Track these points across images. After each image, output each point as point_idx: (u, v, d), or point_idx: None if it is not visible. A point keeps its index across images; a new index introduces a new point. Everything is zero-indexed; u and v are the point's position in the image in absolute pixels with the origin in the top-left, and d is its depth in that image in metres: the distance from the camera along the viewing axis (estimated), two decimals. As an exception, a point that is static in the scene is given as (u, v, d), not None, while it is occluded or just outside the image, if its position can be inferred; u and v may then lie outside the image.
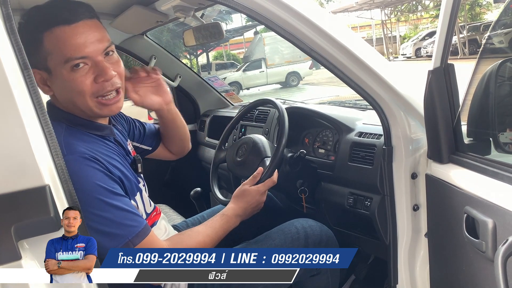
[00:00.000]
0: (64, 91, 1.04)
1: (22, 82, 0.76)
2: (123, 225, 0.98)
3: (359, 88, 1.19)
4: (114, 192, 0.99)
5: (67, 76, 1.01)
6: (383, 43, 24.55)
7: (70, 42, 1.00)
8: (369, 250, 1.76)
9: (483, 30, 18.04)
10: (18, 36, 0.76)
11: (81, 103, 1.04)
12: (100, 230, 0.95)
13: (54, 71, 1.01)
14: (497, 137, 1.09)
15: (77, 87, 1.01)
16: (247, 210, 1.32)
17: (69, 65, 1.00)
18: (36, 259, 0.75)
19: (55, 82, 1.03)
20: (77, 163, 0.95)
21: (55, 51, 1.00)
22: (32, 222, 0.73)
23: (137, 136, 1.42)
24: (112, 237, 0.96)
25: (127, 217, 0.99)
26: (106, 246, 0.92)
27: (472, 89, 1.10)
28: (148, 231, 1.02)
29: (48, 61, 1.01)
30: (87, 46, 1.01)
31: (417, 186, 1.28)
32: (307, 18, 1.09)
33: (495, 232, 0.89)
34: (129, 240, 0.97)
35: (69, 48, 0.99)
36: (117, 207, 0.98)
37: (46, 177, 0.74)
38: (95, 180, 0.96)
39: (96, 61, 1.02)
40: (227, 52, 28.07)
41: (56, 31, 0.99)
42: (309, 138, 1.90)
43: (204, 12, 1.72)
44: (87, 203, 0.93)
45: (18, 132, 0.73)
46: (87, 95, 1.03)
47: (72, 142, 1.00)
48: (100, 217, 0.95)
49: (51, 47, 1.00)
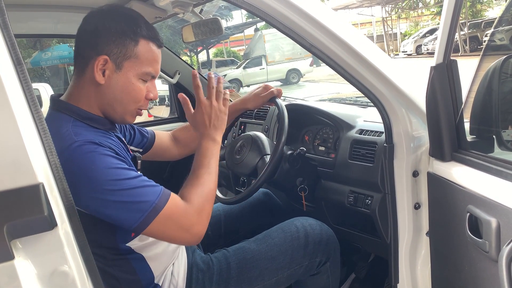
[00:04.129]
0: (120, 90, 1.10)
1: (15, 77, 0.74)
2: (146, 192, 0.99)
3: (360, 84, 1.17)
4: (125, 168, 1.00)
5: (133, 82, 1.10)
6: (383, 40, 24.54)
7: (156, 62, 1.13)
8: (369, 249, 1.75)
9: (484, 27, 18.02)
10: (11, 31, 0.74)
11: (126, 106, 1.12)
12: (123, 202, 0.96)
13: (125, 71, 1.08)
14: (500, 135, 1.07)
15: (135, 94, 1.11)
16: (211, 127, 1.20)
17: (142, 76, 1.11)
18: (30, 259, 0.73)
19: (116, 78, 1.08)
20: (87, 146, 0.97)
21: (141, 60, 1.09)
22: (26, 221, 0.71)
23: (127, 138, 1.41)
24: (137, 205, 0.97)
25: (147, 185, 1.00)
26: (132, 217, 0.96)
27: (475, 86, 1.09)
28: (169, 193, 1.03)
29: (127, 61, 1.08)
30: (158, 69, 1.16)
31: (419, 184, 1.26)
32: (307, 13, 1.07)
33: (499, 231, 0.87)
34: (155, 204, 0.98)
35: (152, 66, 1.12)
36: (133, 178, 0.99)
37: (40, 175, 0.73)
38: (108, 159, 0.98)
39: (153, 82, 1.17)
40: (227, 49, 28.07)
41: (151, 45, 1.11)
42: (309, 136, 1.89)
43: (203, 7, 1.70)
44: (104, 181, 0.95)
45: (10, 129, 0.71)
46: (137, 103, 1.13)
47: (80, 131, 1.02)
48: (120, 191, 0.96)
49: (141, 54, 1.09)
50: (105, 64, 1.06)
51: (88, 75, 1.08)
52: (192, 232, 1.05)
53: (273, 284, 1.32)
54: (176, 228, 1.02)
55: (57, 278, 0.75)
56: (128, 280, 1.15)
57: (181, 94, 1.22)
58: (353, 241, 1.70)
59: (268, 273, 1.31)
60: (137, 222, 0.96)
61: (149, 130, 1.54)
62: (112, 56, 1.06)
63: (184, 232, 1.04)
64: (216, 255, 1.34)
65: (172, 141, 1.61)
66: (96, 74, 1.06)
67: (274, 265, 1.32)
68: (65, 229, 0.75)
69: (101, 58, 1.05)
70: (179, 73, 2.46)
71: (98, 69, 1.06)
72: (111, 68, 1.07)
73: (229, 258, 1.32)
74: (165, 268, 1.24)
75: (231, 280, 1.28)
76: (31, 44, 15.03)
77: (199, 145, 1.18)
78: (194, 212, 1.04)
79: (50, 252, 0.74)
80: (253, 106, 1.58)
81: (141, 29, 1.09)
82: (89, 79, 1.08)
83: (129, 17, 1.10)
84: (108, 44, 1.06)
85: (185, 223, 1.03)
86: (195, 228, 1.05)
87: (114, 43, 1.06)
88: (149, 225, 0.97)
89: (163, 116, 2.85)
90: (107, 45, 1.06)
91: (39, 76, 15.79)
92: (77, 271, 0.76)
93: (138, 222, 0.96)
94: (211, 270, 1.29)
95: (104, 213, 0.97)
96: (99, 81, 1.07)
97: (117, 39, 1.06)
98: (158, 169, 2.50)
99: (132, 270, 1.15)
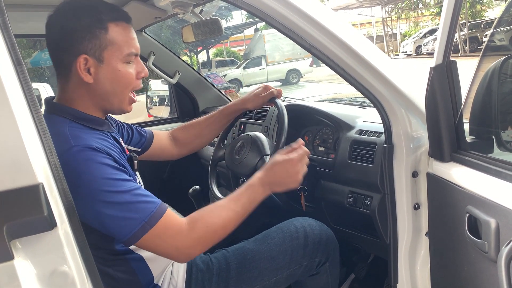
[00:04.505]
0: (110, 82, 1.08)
1: (15, 78, 0.74)
2: (137, 208, 0.97)
3: (359, 85, 1.17)
4: (122, 179, 0.99)
5: (121, 68, 1.08)
6: (383, 41, 24.53)
7: (132, 39, 1.10)
8: (369, 249, 1.75)
9: (484, 28, 18.02)
10: (11, 31, 0.74)
11: (120, 95, 1.11)
12: (114, 216, 0.95)
13: (108, 61, 1.07)
14: (499, 135, 1.07)
15: (126, 80, 1.10)
16: (276, 179, 1.15)
17: (126, 59, 1.09)
18: (30, 259, 0.73)
19: (103, 71, 1.07)
20: (85, 153, 0.97)
21: (118, 44, 1.07)
22: (25, 221, 0.71)
23: (125, 138, 1.41)
24: (127, 221, 0.96)
25: (140, 200, 0.99)
26: (122, 231, 0.95)
27: (475, 86, 1.09)
28: (163, 211, 1.00)
29: (105, 51, 1.06)
30: (138, 45, 1.13)
31: (418, 185, 1.26)
32: (307, 14, 1.07)
33: (498, 232, 0.87)
34: (145, 222, 0.96)
35: (131, 45, 1.10)
36: (129, 192, 0.98)
37: (39, 175, 0.73)
38: (104, 169, 0.97)
39: (138, 59, 1.14)
40: (227, 49, 28.06)
41: (121, 25, 1.08)
42: (308, 136, 1.89)
43: (203, 8, 1.70)
44: (98, 192, 0.94)
45: (10, 129, 0.71)
46: (129, 88, 1.12)
47: (77, 134, 1.02)
48: (112, 204, 0.96)
49: (115, 38, 1.07)
50: (86, 62, 1.05)
51: (75, 78, 1.07)
52: (184, 253, 1.04)
53: (272, 284, 1.32)
54: (167, 246, 1.01)
55: (57, 278, 0.75)
56: (128, 280, 1.15)
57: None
58: (353, 242, 1.70)
59: (268, 273, 1.31)
60: (127, 236, 0.96)
61: (148, 129, 1.54)
62: (89, 52, 1.05)
63: (174, 251, 1.02)
64: (216, 255, 1.34)
65: (170, 141, 1.60)
66: (82, 75, 1.05)
67: (273, 265, 1.32)
68: (65, 229, 0.75)
69: (80, 59, 1.04)
70: (179, 73, 2.46)
71: (83, 70, 1.05)
72: (93, 64, 1.06)
73: (228, 258, 1.32)
74: (164, 268, 1.24)
75: (231, 280, 1.28)
76: (31, 44, 15.02)
77: (254, 185, 1.13)
78: (190, 236, 1.02)
79: (50, 252, 0.74)
80: (253, 106, 1.58)
81: (104, 14, 1.07)
82: (76, 81, 1.07)
83: (89, 8, 1.07)
84: (81, 43, 1.04)
85: (178, 244, 1.01)
86: (187, 251, 1.04)
87: (85, 39, 1.04)
88: (140, 240, 0.97)
89: (163, 116, 2.85)
90: (80, 44, 1.04)
91: (39, 76, 15.78)
92: (76, 271, 0.76)
93: (128, 236, 0.96)
94: (210, 270, 1.29)
95: (94, 222, 0.97)
96: (88, 80, 1.06)
97: (87, 34, 1.04)
98: (158, 169, 2.50)
99: (131, 270, 1.15)
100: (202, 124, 1.61)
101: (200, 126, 1.61)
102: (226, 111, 1.60)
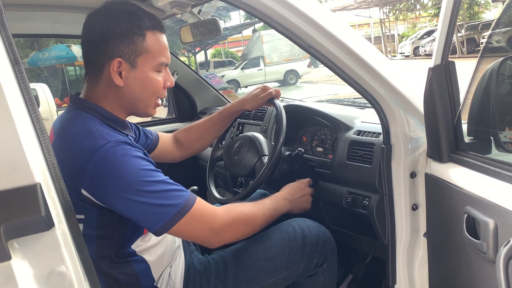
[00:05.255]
0: (139, 87, 1.11)
1: (13, 77, 0.74)
2: (173, 196, 1.02)
3: (358, 85, 1.17)
4: (155, 170, 1.04)
5: (150, 76, 1.11)
6: (381, 42, 24.59)
7: (165, 49, 1.14)
8: (367, 250, 1.75)
9: (481, 29, 18.08)
10: (9, 30, 0.74)
11: (147, 100, 1.14)
12: (152, 204, 0.99)
13: (140, 67, 1.09)
14: (497, 136, 1.07)
15: (154, 88, 1.13)
16: (293, 196, 1.38)
17: (157, 68, 1.12)
18: (27, 259, 0.73)
19: (134, 76, 1.10)
20: (121, 147, 1.00)
21: (152, 52, 1.10)
22: (23, 222, 0.71)
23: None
24: (165, 208, 1.00)
25: (174, 189, 1.04)
26: (159, 219, 1.00)
27: (473, 87, 1.09)
28: (195, 197, 1.07)
29: (139, 57, 1.09)
30: (169, 55, 1.16)
31: (416, 186, 1.26)
32: (306, 14, 1.07)
33: (496, 233, 0.87)
34: (181, 208, 1.02)
35: (164, 55, 1.13)
36: (163, 182, 1.03)
37: (37, 175, 0.72)
38: (140, 161, 1.01)
39: (167, 69, 1.17)
40: (225, 50, 28.05)
41: (157, 35, 1.12)
42: (307, 137, 1.89)
43: (201, 8, 1.70)
44: (137, 182, 0.98)
45: (8, 129, 0.71)
46: (156, 95, 1.15)
47: (109, 132, 1.04)
48: (150, 193, 0.99)
49: (151, 47, 1.10)
50: (119, 66, 1.07)
51: (105, 79, 1.09)
52: (217, 235, 1.10)
53: (270, 285, 1.32)
54: (203, 227, 1.07)
55: (54, 279, 0.74)
56: (130, 283, 1.15)
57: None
58: (351, 242, 1.70)
59: (265, 274, 1.31)
60: (163, 221, 1.00)
61: (153, 132, 1.55)
62: (124, 57, 1.07)
63: (209, 233, 1.09)
64: (214, 256, 1.34)
65: (173, 143, 1.61)
66: (114, 78, 1.07)
67: (271, 266, 1.32)
68: (62, 229, 0.75)
69: (115, 61, 1.06)
70: (177, 73, 2.45)
71: (115, 73, 1.07)
72: (126, 69, 1.08)
73: (226, 259, 1.31)
74: (163, 270, 1.24)
75: (228, 281, 1.27)
76: (28, 44, 14.98)
77: (276, 197, 1.34)
78: (225, 219, 1.11)
79: (47, 252, 0.74)
80: (251, 107, 1.58)
81: (144, 22, 1.09)
82: (106, 82, 1.09)
83: (130, 13, 1.09)
84: (117, 46, 1.06)
85: (213, 225, 1.08)
86: (220, 233, 1.10)
87: (123, 43, 1.06)
88: (175, 225, 1.01)
89: (161, 117, 2.85)
90: (117, 47, 1.06)
91: (36, 76, 15.75)
92: (74, 272, 0.76)
93: (164, 222, 1.00)
94: (208, 271, 1.29)
95: (130, 212, 1.00)
96: (118, 83, 1.08)
97: (125, 39, 1.06)
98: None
99: (134, 273, 1.16)
100: (202, 126, 1.62)
101: (200, 129, 1.61)
102: (225, 113, 1.60)
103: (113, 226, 1.08)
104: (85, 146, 0.99)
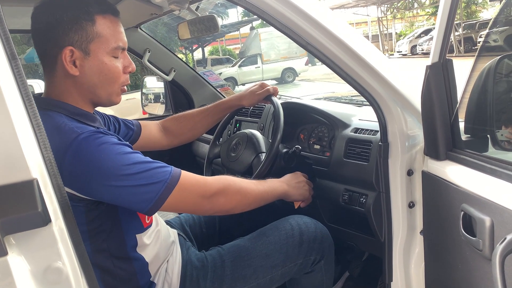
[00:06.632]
0: (96, 75, 1.08)
1: (10, 72, 0.73)
2: (157, 173, 1.01)
3: (355, 83, 1.18)
4: (133, 152, 1.02)
5: (107, 62, 1.08)
6: (379, 40, 24.59)
7: (120, 32, 1.10)
8: (363, 247, 1.75)
9: (479, 28, 18.12)
10: (6, 25, 0.73)
11: (108, 88, 1.11)
12: (138, 185, 0.98)
13: (95, 54, 1.06)
14: (494, 134, 1.08)
15: (113, 74, 1.09)
16: (289, 182, 1.37)
17: (113, 53, 1.08)
18: (23, 254, 0.72)
19: (89, 64, 1.06)
20: (94, 136, 0.98)
21: (105, 36, 1.06)
22: (19, 217, 0.70)
23: (112, 131, 1.40)
24: (151, 186, 0.99)
25: (156, 166, 1.03)
26: (147, 198, 0.99)
27: (470, 85, 1.09)
28: (179, 171, 1.06)
29: (91, 43, 1.05)
30: (125, 39, 1.12)
31: (413, 183, 1.26)
32: (304, 11, 1.07)
33: (493, 230, 0.87)
34: (167, 183, 1.01)
35: (118, 38, 1.09)
36: (143, 162, 1.01)
37: (34, 171, 0.72)
38: (116, 147, 0.99)
39: (125, 54, 1.14)
40: (222, 47, 28.02)
41: (108, 18, 1.07)
42: (304, 134, 1.89)
43: (199, 5, 1.70)
44: (118, 167, 0.97)
45: (4, 124, 0.70)
46: (117, 81, 1.11)
47: (77, 125, 1.02)
48: (133, 175, 0.98)
49: (103, 31, 1.06)
50: (72, 54, 1.04)
51: (60, 70, 1.06)
52: (209, 200, 1.09)
53: (267, 282, 1.32)
54: (194, 196, 1.07)
55: (51, 274, 0.74)
56: (127, 280, 1.15)
57: None
58: (348, 240, 1.70)
59: (263, 270, 1.31)
60: (153, 200, 0.99)
61: (135, 121, 1.53)
62: (75, 44, 1.04)
63: (202, 199, 1.09)
64: (211, 253, 1.34)
65: (160, 132, 1.59)
66: (68, 68, 1.04)
67: (268, 262, 1.32)
68: (59, 225, 0.75)
69: (66, 50, 1.03)
70: (175, 70, 2.45)
71: (68, 62, 1.04)
72: (79, 57, 1.05)
73: (223, 255, 1.31)
74: (159, 266, 1.24)
75: (226, 278, 1.28)
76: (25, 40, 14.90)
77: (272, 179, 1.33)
78: (215, 185, 1.10)
79: (44, 248, 0.73)
80: (248, 103, 1.58)
81: (92, 6, 1.05)
82: (62, 74, 1.06)
83: (76, 0, 1.06)
84: (66, 34, 1.03)
85: (205, 192, 1.08)
86: (212, 198, 1.10)
87: (72, 30, 1.03)
88: (166, 201, 1.00)
89: (158, 114, 2.84)
90: (66, 35, 1.03)
91: (33, 72, 15.67)
92: (71, 267, 0.75)
93: (154, 200, 0.99)
94: (205, 268, 1.29)
95: (118, 199, 0.99)
96: (73, 73, 1.05)
97: (74, 26, 1.03)
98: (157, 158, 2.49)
99: (132, 270, 1.15)
100: (196, 117, 1.61)
101: (194, 119, 1.61)
102: (221, 106, 1.60)
103: (102, 217, 1.06)
104: (57, 143, 0.93)
